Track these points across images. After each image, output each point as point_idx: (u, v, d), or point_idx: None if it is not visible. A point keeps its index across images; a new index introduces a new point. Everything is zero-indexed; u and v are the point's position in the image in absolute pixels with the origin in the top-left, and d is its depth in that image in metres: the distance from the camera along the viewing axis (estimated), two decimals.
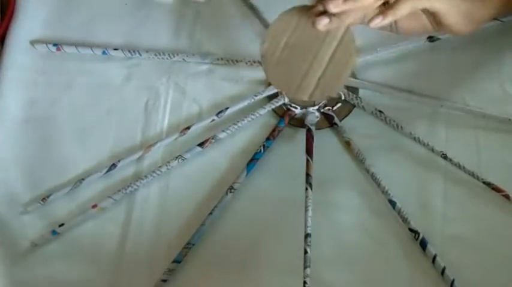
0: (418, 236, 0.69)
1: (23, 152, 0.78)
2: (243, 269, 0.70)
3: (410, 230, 0.70)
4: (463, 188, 0.72)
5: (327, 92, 0.68)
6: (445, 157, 0.73)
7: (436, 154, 0.73)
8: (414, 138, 0.75)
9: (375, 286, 0.69)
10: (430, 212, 0.71)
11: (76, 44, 0.82)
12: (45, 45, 0.83)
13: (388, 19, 0.64)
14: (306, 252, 0.67)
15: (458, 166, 0.72)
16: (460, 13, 0.69)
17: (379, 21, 0.64)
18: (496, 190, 0.71)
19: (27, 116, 0.80)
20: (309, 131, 0.75)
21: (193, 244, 0.71)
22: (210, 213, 0.72)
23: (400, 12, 0.64)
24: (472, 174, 0.71)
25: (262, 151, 0.75)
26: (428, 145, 0.74)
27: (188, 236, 0.71)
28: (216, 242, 0.72)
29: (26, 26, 0.84)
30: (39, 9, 0.86)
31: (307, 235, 0.68)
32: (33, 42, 0.83)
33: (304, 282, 0.65)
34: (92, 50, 0.82)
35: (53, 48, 0.83)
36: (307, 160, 0.73)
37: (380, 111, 0.77)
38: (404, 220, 0.70)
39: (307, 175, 0.72)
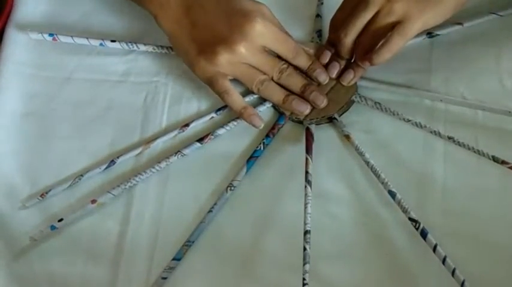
0: (419, 225, 0.69)
1: (22, 147, 0.78)
2: (243, 266, 0.70)
3: (411, 219, 0.69)
4: (463, 183, 0.72)
5: (322, 114, 0.74)
6: (451, 138, 0.73)
7: (440, 136, 0.74)
8: (415, 124, 0.74)
9: (375, 278, 0.69)
10: (429, 206, 0.72)
11: (72, 35, 0.81)
12: (40, 34, 0.81)
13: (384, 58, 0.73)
14: (305, 249, 0.67)
15: (462, 144, 0.73)
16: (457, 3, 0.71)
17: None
18: (504, 163, 0.71)
19: (25, 111, 0.80)
20: (308, 130, 0.76)
21: (193, 242, 0.71)
22: (210, 211, 0.72)
23: (396, 49, 0.72)
24: (478, 151, 0.72)
25: (261, 148, 0.75)
26: (428, 127, 0.74)
27: (188, 233, 0.72)
28: (216, 239, 0.72)
29: (25, 20, 0.84)
30: (38, 4, 0.85)
31: (306, 232, 0.68)
32: (28, 31, 0.81)
33: (303, 278, 0.65)
34: (88, 41, 0.81)
35: (49, 38, 0.81)
36: (307, 159, 0.73)
37: (378, 103, 0.77)
38: (405, 210, 0.70)
39: (307, 173, 0.72)
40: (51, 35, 0.81)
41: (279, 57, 0.75)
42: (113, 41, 0.81)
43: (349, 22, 0.72)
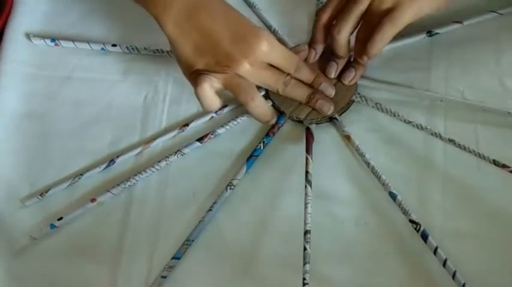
0: (420, 227, 0.69)
1: (22, 146, 0.78)
2: (243, 265, 0.70)
3: (411, 221, 0.69)
4: (462, 182, 0.72)
5: (321, 115, 0.74)
6: (452, 140, 0.73)
7: (441, 138, 0.73)
8: (416, 126, 0.74)
9: (375, 279, 0.69)
10: (429, 206, 0.71)
11: (74, 40, 0.82)
12: (43, 40, 0.82)
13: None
14: (305, 249, 0.67)
15: (463, 147, 0.72)
16: None
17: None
18: (505, 166, 0.70)
19: (25, 111, 0.80)
20: (308, 129, 0.75)
21: (193, 240, 0.71)
22: (210, 209, 0.72)
23: (388, 37, 0.70)
24: (479, 154, 0.71)
25: (261, 147, 0.75)
26: (429, 129, 0.74)
27: (187, 232, 0.72)
28: (216, 238, 0.72)
29: (25, 19, 0.84)
30: (37, 3, 0.85)
31: (306, 232, 0.68)
32: (30, 37, 0.83)
33: (304, 278, 0.65)
34: (90, 45, 0.82)
35: (51, 44, 0.82)
36: (307, 158, 0.73)
37: (379, 103, 0.76)
38: (405, 212, 0.70)
39: (307, 173, 0.72)
40: (53, 40, 0.82)
41: None
42: (114, 45, 0.82)
43: (342, 18, 0.71)
